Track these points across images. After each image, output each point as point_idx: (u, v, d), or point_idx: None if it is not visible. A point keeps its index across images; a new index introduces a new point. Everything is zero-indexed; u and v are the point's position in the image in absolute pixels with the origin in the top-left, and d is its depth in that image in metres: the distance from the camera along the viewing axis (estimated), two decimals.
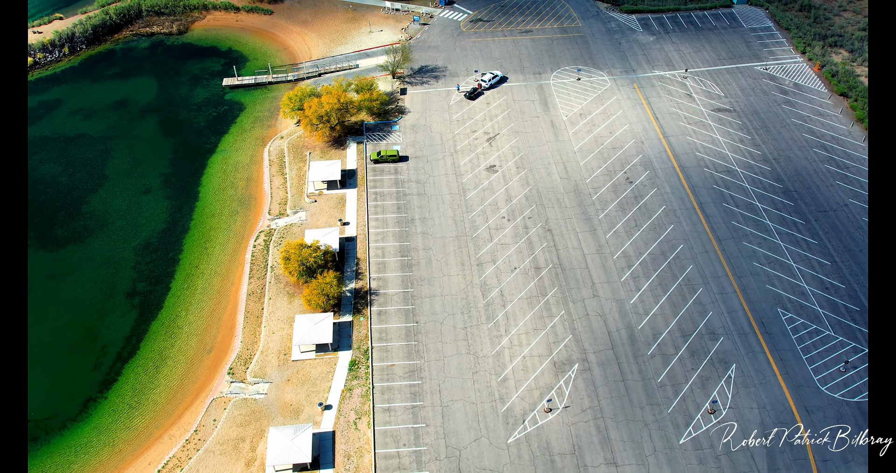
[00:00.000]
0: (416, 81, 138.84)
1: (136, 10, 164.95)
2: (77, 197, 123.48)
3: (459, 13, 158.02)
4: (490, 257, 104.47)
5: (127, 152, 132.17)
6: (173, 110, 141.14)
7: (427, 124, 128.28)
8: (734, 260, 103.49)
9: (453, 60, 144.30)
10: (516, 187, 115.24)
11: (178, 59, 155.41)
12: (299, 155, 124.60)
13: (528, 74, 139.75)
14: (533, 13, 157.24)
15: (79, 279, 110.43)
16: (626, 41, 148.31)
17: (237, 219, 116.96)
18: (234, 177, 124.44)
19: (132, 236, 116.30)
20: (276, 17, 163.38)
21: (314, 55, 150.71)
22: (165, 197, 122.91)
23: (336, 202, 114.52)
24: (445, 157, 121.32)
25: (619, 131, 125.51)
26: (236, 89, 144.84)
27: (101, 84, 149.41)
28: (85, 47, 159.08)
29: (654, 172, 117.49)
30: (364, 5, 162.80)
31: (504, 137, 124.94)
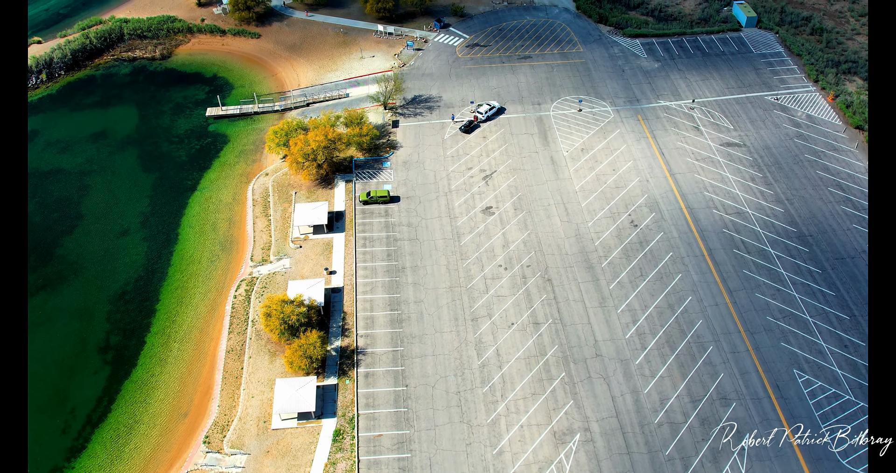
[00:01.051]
0: (408, 113, 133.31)
1: (117, 34, 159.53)
2: (50, 239, 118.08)
3: (455, 37, 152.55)
4: (486, 310, 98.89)
5: (104, 189, 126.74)
6: (154, 142, 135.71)
7: (420, 161, 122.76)
8: (746, 314, 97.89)
9: (448, 88, 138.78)
10: (514, 232, 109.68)
11: (161, 86, 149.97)
12: (285, 194, 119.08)
13: (526, 104, 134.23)
14: (532, 37, 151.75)
15: (49, 331, 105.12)
16: (629, 68, 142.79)
17: (218, 265, 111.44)
18: (216, 218, 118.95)
19: (107, 284, 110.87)
20: (264, 40, 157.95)
21: (303, 83, 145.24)
22: (143, 240, 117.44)
23: (322, 248, 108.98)
24: (439, 197, 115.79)
25: (622, 168, 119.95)
26: (220, 120, 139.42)
27: (79, 114, 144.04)
28: (64, 73, 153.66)
29: (660, 215, 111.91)
30: (356, 29, 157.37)
31: (501, 174, 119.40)
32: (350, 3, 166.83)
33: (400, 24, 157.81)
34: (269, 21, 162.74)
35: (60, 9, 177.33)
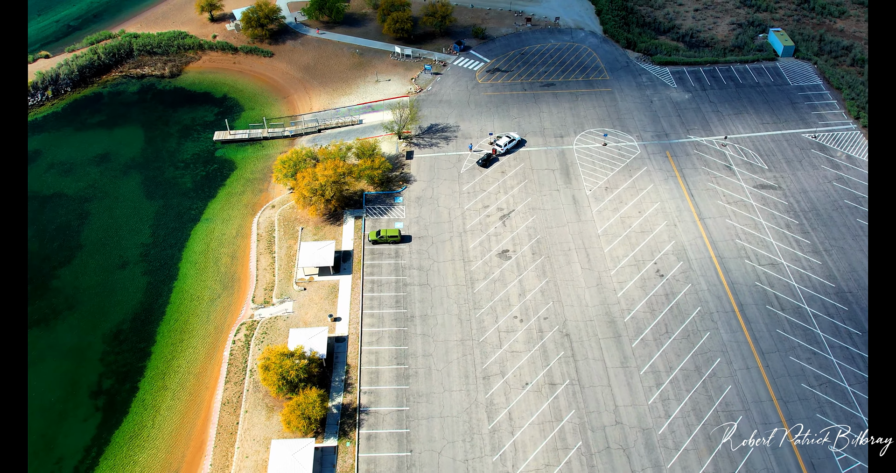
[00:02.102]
0: (424, 143, 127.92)
1: (126, 50, 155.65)
2: (47, 270, 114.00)
3: (475, 61, 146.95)
4: (499, 367, 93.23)
5: (105, 217, 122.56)
6: (159, 167, 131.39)
7: (434, 197, 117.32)
8: (779, 380, 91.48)
9: (466, 117, 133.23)
10: (531, 279, 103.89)
11: (169, 106, 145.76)
12: (290, 230, 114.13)
13: (548, 136, 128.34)
14: (556, 63, 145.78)
15: (40, 371, 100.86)
16: (658, 99, 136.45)
17: (218, 305, 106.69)
18: (219, 252, 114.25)
19: (103, 322, 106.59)
20: (277, 59, 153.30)
21: (315, 106, 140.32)
22: (143, 273, 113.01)
23: (327, 292, 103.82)
24: (453, 238, 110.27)
25: (649, 211, 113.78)
26: (228, 144, 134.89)
27: (83, 134, 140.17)
28: (70, 90, 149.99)
29: (688, 264, 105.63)
30: (372, 49, 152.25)
31: (520, 214, 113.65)
32: (367, 22, 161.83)
33: (418, 45, 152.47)
34: (282, 39, 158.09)
35: (70, 21, 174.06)
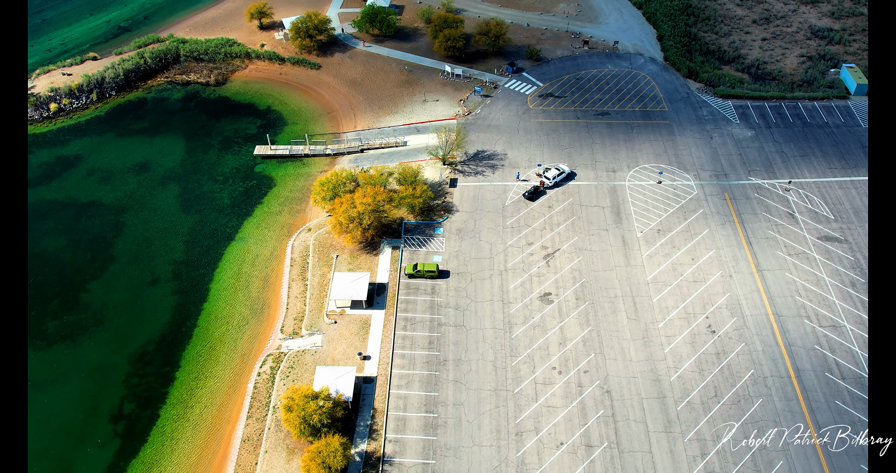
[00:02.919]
0: (469, 170, 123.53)
1: (173, 55, 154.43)
2: (77, 282, 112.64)
3: (528, 85, 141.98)
4: (533, 423, 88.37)
5: (140, 229, 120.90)
6: (197, 180, 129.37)
7: (476, 230, 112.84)
8: (836, 459, 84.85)
9: (515, 145, 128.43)
10: (573, 327, 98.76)
11: (212, 115, 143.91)
12: (325, 256, 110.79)
13: (600, 170, 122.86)
14: (613, 90, 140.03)
15: (62, 390, 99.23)
16: (719, 135, 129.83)
17: (246, 332, 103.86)
18: (251, 275, 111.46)
19: (129, 340, 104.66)
20: (324, 72, 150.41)
21: (359, 124, 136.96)
22: (172, 292, 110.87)
23: (359, 327, 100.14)
24: (493, 276, 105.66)
25: (703, 258, 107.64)
26: (268, 160, 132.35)
27: (125, 140, 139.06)
28: (115, 94, 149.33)
29: (742, 320, 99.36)
30: (421, 67, 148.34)
31: (565, 254, 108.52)
32: (418, 37, 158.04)
33: (469, 64, 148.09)
34: (330, 51, 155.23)
35: (122, 22, 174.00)
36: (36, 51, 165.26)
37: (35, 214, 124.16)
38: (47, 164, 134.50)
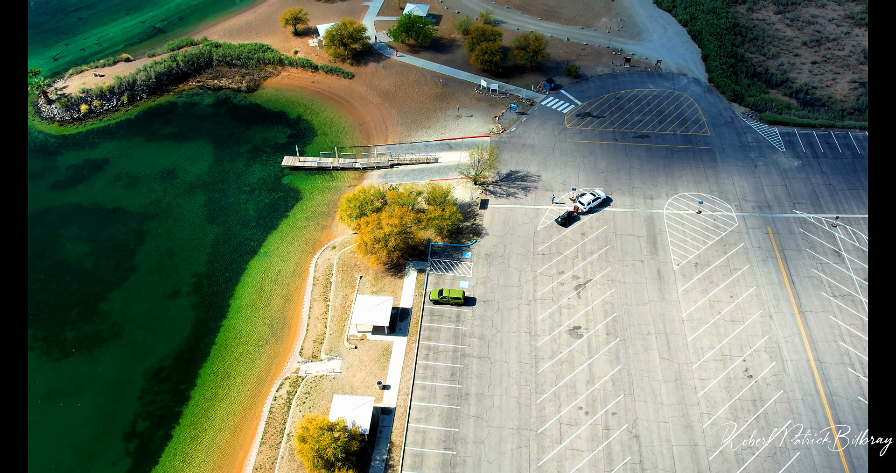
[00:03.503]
0: (500, 191, 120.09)
1: (206, 59, 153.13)
2: (98, 291, 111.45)
3: (565, 102, 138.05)
4: (556, 467, 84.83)
5: (163, 239, 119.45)
6: (223, 190, 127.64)
7: (505, 255, 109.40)
8: None
9: (549, 166, 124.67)
10: (602, 365, 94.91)
11: (242, 122, 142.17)
12: (349, 277, 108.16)
13: (637, 196, 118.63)
14: (654, 111, 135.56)
15: (76, 403, 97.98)
16: (763, 163, 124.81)
17: (264, 353, 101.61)
18: (272, 292, 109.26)
19: (146, 354, 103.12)
20: (357, 82, 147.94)
21: (390, 137, 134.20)
22: (192, 306, 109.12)
23: (379, 354, 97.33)
24: (521, 306, 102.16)
25: (742, 296, 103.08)
26: (296, 171, 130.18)
27: (154, 145, 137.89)
28: (145, 97, 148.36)
29: (781, 365, 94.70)
30: (456, 80, 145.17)
31: (597, 285, 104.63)
32: (454, 49, 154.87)
33: (506, 79, 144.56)
34: (364, 60, 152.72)
35: (157, 22, 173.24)
36: (71, 50, 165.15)
37: (60, 218, 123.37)
38: (75, 167, 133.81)
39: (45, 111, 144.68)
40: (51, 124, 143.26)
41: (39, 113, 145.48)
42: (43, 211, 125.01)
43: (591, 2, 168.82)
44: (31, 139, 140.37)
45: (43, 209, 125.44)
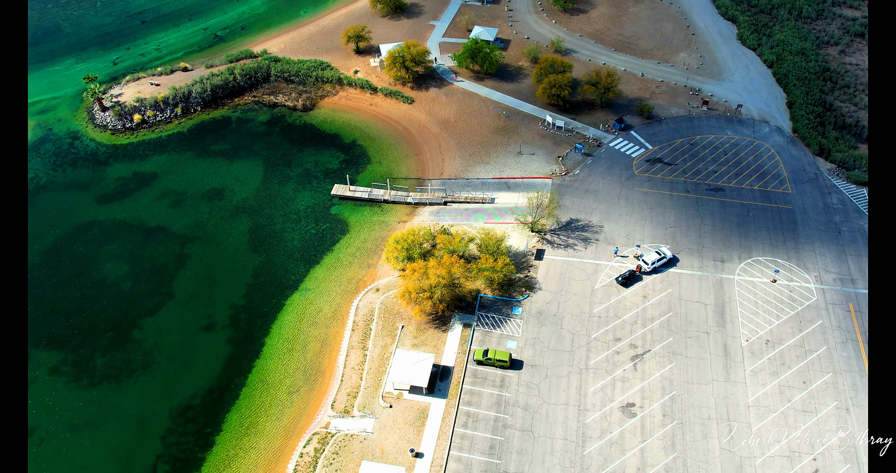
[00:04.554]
0: (558, 242, 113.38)
1: (263, 74, 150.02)
2: (132, 317, 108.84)
3: (635, 145, 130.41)
4: None
5: (203, 264, 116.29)
6: (270, 216, 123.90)
7: (558, 314, 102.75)
8: None
9: (613, 216, 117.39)
10: (656, 451, 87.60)
11: (295, 143, 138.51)
12: (390, 325, 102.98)
13: (706, 258, 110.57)
14: (730, 161, 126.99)
15: (99, 438, 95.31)
16: (849, 230, 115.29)
17: (295, 401, 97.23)
18: (309, 334, 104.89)
19: (174, 390, 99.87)
20: (416, 108, 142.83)
21: (446, 171, 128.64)
22: (226, 341, 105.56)
23: (415, 416, 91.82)
24: (571, 374, 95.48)
25: (816, 383, 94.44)
26: (346, 201, 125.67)
27: (203, 161, 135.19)
28: (199, 110, 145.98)
29: (858, 468, 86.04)
30: (520, 113, 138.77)
31: (656, 358, 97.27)
32: (521, 78, 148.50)
33: (573, 115, 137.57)
34: (426, 85, 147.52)
35: (219, 30, 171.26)
36: (131, 54, 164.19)
37: (103, 234, 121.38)
38: (123, 179, 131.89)
39: (98, 119, 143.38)
40: (103, 132, 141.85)
41: (93, 120, 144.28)
42: (87, 225, 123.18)
43: (669, 34, 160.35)
44: (83, 147, 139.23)
45: (87, 223, 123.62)
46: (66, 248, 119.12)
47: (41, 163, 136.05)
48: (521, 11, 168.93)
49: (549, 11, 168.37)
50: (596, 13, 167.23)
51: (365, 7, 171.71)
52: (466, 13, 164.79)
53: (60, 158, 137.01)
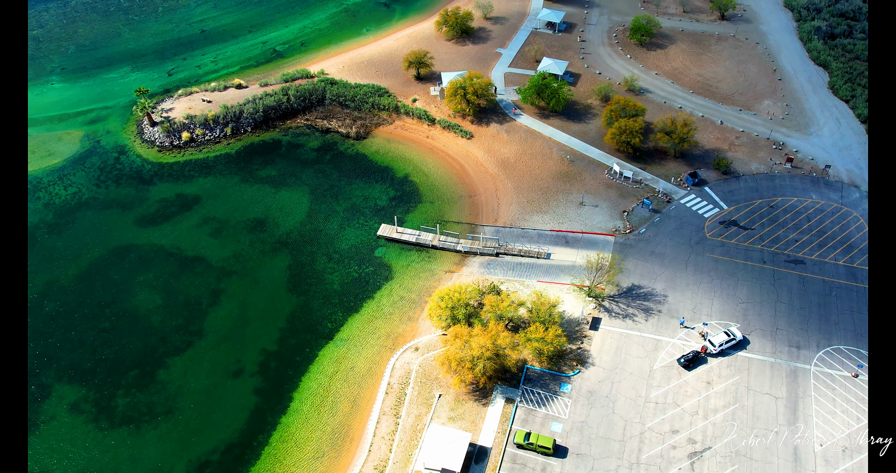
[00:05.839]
0: (617, 310, 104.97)
1: (318, 96, 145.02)
2: (160, 355, 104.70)
3: (708, 204, 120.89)
4: None
5: (238, 302, 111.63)
6: (312, 253, 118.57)
7: (611, 396, 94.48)
8: None
9: (679, 285, 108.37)
10: None
11: (345, 174, 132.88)
12: (426, 392, 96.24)
13: (780, 342, 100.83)
14: (813, 230, 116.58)
15: None
16: None
17: (318, 469, 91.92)
18: (340, 393, 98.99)
19: (194, 441, 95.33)
20: (475, 144, 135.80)
21: (501, 217, 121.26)
22: (253, 391, 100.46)
23: None
24: (620, 469, 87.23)
25: None
26: (392, 244, 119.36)
27: (249, 187, 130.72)
28: (250, 131, 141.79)
29: None
30: (586, 158, 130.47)
31: (717, 457, 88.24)
32: (589, 118, 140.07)
33: (643, 164, 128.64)
34: (487, 119, 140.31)
35: (278, 45, 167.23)
36: (187, 65, 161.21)
37: (140, 260, 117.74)
38: (166, 201, 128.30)
39: (147, 134, 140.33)
40: (150, 148, 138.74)
41: (141, 134, 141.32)
42: (124, 249, 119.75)
43: (754, 78, 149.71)
44: (129, 163, 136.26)
45: (124, 247, 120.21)
46: (101, 273, 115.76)
47: (85, 177, 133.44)
48: (594, 43, 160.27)
49: (624, 44, 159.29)
50: (675, 50, 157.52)
51: (429, 29, 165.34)
52: (536, 43, 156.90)
53: (105, 173, 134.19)
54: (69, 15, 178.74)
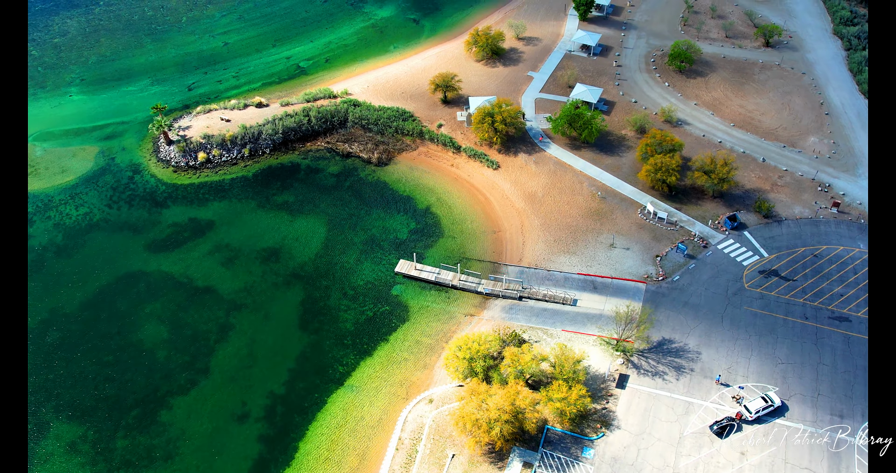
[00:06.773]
0: (646, 367, 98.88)
1: (340, 118, 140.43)
2: (162, 394, 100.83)
3: (748, 251, 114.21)
4: None
5: (247, 338, 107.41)
6: (326, 288, 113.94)
7: (637, 465, 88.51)
8: None
9: (713, 341, 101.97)
10: None
11: (364, 203, 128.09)
12: (439, 450, 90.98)
13: (822, 410, 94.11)
14: (861, 284, 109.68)
15: None
16: None
17: None
18: (348, 445, 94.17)
19: None
20: (502, 175, 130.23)
21: (526, 257, 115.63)
22: (258, 438, 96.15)
23: None
24: None
25: None
26: (409, 281, 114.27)
27: (264, 214, 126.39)
28: (268, 152, 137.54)
29: None
30: (618, 195, 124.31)
31: None
32: (623, 150, 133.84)
33: (678, 203, 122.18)
34: (515, 148, 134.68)
35: (301, 61, 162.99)
36: (207, 80, 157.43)
37: (148, 289, 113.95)
38: (178, 226, 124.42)
39: (162, 152, 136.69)
40: (165, 168, 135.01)
41: (157, 153, 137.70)
42: (133, 276, 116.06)
43: (799, 111, 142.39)
44: (142, 183, 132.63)
45: (133, 274, 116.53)
46: (107, 301, 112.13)
47: (97, 197, 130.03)
48: (630, 68, 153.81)
49: (662, 71, 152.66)
50: (715, 78, 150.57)
51: (459, 48, 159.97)
52: (569, 67, 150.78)
53: (118, 193, 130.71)
54: (93, 22, 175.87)
